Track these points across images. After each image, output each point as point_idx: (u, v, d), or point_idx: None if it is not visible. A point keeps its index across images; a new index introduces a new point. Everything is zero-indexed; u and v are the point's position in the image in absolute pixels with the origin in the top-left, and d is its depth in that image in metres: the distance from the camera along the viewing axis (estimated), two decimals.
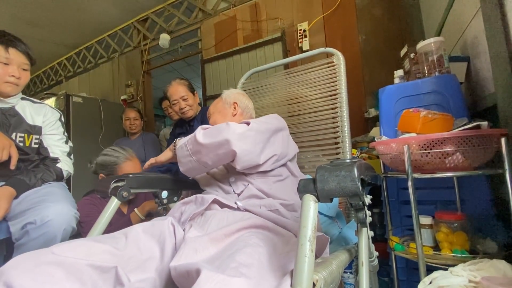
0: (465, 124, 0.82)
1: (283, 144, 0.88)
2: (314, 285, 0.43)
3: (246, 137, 0.77)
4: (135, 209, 1.20)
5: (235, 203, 0.77)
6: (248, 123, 0.81)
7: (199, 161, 0.80)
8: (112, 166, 1.21)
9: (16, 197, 0.92)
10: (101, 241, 0.56)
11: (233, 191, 0.84)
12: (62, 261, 0.47)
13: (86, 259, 0.49)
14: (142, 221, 1.15)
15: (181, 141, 0.86)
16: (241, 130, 0.77)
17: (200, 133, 0.79)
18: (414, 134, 0.87)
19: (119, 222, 1.12)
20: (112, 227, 0.78)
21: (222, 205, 0.78)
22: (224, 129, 0.77)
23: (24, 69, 1.03)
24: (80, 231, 1.06)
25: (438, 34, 1.53)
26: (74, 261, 0.48)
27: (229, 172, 0.90)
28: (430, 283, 0.68)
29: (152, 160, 0.95)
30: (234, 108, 1.04)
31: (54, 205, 0.87)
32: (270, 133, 0.84)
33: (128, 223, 1.13)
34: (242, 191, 0.82)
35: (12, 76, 0.99)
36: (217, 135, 0.76)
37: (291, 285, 0.42)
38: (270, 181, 0.83)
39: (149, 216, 1.19)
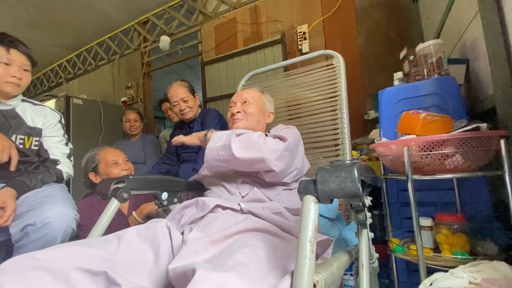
0: (464, 126, 0.82)
1: (302, 156, 0.91)
2: (314, 286, 0.43)
3: (283, 157, 0.78)
4: (133, 213, 1.19)
5: (239, 204, 0.77)
6: (283, 139, 0.82)
7: (229, 167, 0.82)
8: (93, 158, 1.26)
9: (17, 198, 0.92)
10: (93, 246, 0.55)
11: (239, 192, 0.84)
12: (50, 266, 0.47)
13: (75, 263, 0.49)
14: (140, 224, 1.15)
15: (213, 141, 0.83)
16: (279, 148, 0.78)
17: (236, 144, 0.78)
18: (414, 136, 0.87)
19: (118, 225, 1.12)
20: (112, 230, 0.77)
21: (224, 208, 0.77)
22: (262, 146, 0.77)
23: (25, 70, 1.04)
24: (79, 233, 1.05)
25: (437, 37, 1.54)
26: (62, 266, 0.47)
27: (237, 174, 0.90)
28: (431, 284, 0.68)
29: (181, 139, 1.01)
30: (269, 116, 1.09)
31: (54, 207, 0.87)
32: (296, 148, 0.87)
33: (128, 226, 1.12)
34: (247, 194, 0.83)
35: (14, 76, 0.99)
36: (254, 151, 0.77)
37: (291, 286, 0.42)
38: (279, 189, 0.85)
39: (148, 219, 1.18)
